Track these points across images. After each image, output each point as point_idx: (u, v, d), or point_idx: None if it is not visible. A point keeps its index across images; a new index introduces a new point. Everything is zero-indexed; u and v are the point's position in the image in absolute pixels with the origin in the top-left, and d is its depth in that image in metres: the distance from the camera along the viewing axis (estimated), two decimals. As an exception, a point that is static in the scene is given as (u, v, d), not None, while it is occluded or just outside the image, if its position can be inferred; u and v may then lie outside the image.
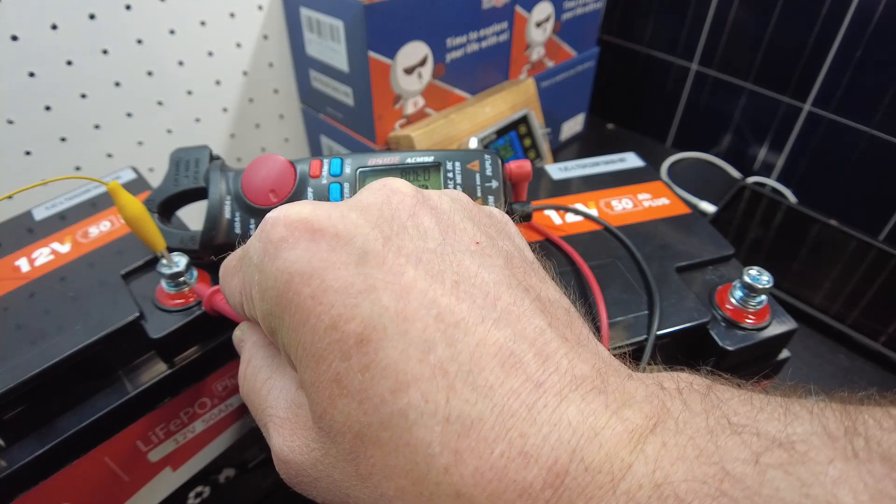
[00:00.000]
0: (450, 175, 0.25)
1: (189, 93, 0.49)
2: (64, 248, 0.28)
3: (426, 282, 0.14)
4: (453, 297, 0.14)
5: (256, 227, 0.25)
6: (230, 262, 0.19)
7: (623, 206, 0.33)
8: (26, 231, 0.30)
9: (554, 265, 0.20)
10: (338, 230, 0.15)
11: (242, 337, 0.20)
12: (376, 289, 0.14)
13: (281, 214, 0.16)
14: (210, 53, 0.49)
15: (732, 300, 0.27)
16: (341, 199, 0.25)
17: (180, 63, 0.47)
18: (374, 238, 0.15)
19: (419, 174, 0.25)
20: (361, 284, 0.14)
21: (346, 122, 0.52)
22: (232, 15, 0.48)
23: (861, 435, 0.11)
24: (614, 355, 0.16)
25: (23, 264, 0.27)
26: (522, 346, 0.14)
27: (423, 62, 0.48)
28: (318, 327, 0.14)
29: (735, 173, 0.66)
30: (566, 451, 0.12)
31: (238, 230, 0.25)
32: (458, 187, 0.24)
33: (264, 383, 0.18)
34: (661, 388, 0.14)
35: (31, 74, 0.40)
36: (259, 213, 0.25)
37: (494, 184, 0.24)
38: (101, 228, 0.30)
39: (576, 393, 0.13)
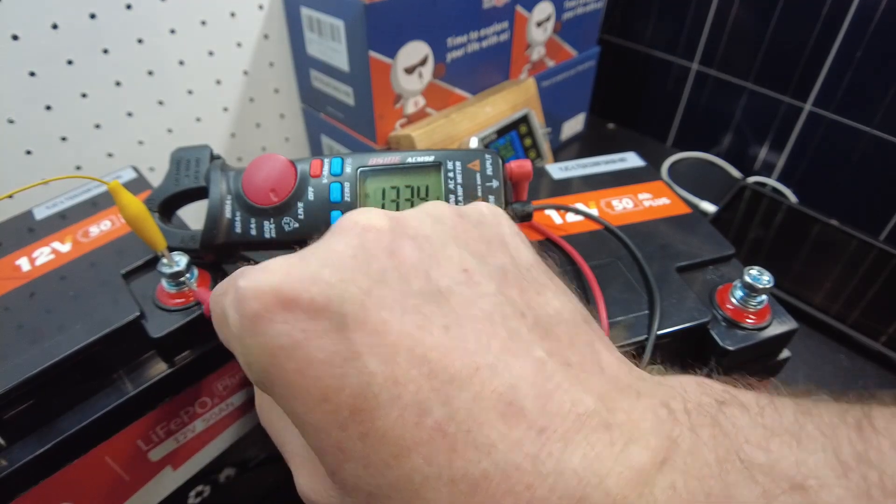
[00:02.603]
0: (450, 174, 0.25)
1: (189, 92, 0.49)
2: (64, 248, 0.28)
3: (413, 336, 0.14)
4: (444, 348, 0.13)
5: (256, 227, 0.25)
6: (217, 298, 0.18)
7: (623, 205, 0.33)
8: (27, 230, 0.30)
9: (556, 259, 0.19)
10: (312, 296, 0.14)
11: None
12: (361, 355, 0.13)
13: (251, 285, 0.15)
14: (211, 53, 0.49)
15: (733, 300, 0.27)
16: (341, 200, 0.25)
17: (181, 62, 0.47)
18: (351, 296, 0.14)
19: (420, 174, 0.25)
20: (346, 352, 0.14)
21: (346, 122, 0.52)
22: (232, 14, 0.48)
23: (875, 466, 0.11)
24: (622, 353, 0.16)
25: (23, 264, 0.27)
26: (522, 389, 0.13)
27: (423, 62, 0.48)
28: (309, 400, 0.14)
29: (735, 173, 0.66)
30: (572, 500, 0.12)
31: (238, 229, 0.25)
32: (459, 187, 0.24)
33: (279, 419, 0.18)
34: (669, 411, 0.13)
35: (32, 74, 0.40)
36: (260, 213, 0.25)
37: (495, 183, 0.24)
38: (101, 228, 0.30)
39: (580, 434, 0.13)
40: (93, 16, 0.41)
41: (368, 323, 0.14)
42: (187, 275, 0.25)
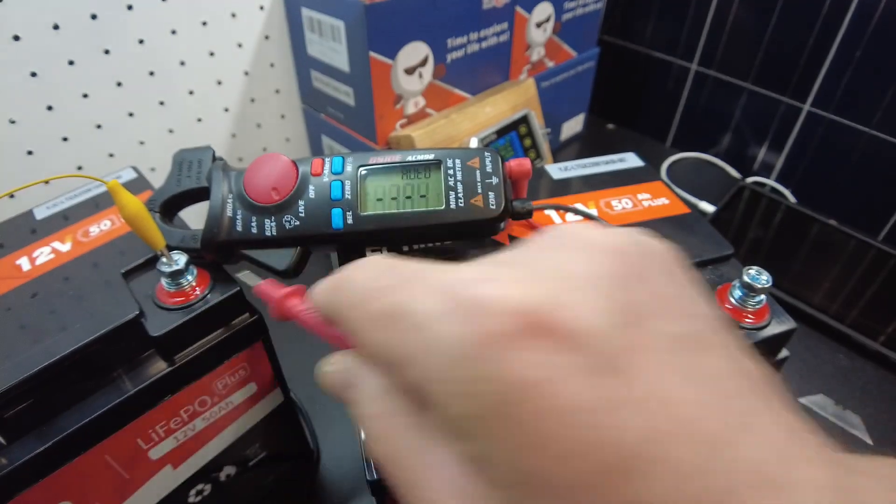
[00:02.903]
0: (450, 172, 0.25)
1: (190, 93, 0.49)
2: (65, 247, 0.28)
3: (670, 388, 0.12)
4: (699, 405, 0.12)
5: (258, 225, 0.25)
6: (383, 290, 0.15)
7: (623, 205, 0.33)
8: (27, 230, 0.30)
9: None
10: (569, 326, 0.12)
11: (353, 379, 0.15)
12: (622, 405, 0.12)
13: (496, 296, 0.12)
14: (211, 53, 0.49)
15: (732, 300, 0.27)
16: (342, 197, 0.25)
17: (182, 63, 0.48)
18: (608, 333, 0.12)
19: (420, 172, 0.25)
20: (604, 399, 0.12)
21: (347, 122, 0.52)
22: (233, 15, 0.49)
23: None
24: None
25: (24, 263, 0.27)
26: (767, 456, 0.12)
27: (423, 62, 0.48)
28: (554, 453, 0.11)
29: (735, 173, 0.66)
30: None
31: (239, 227, 0.25)
32: (459, 184, 0.24)
33: (413, 453, 0.14)
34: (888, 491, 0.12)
35: (33, 74, 0.40)
36: (261, 211, 0.25)
37: (495, 180, 0.25)
38: (101, 227, 0.30)
39: None
40: (94, 16, 0.41)
41: (627, 368, 0.12)
42: (186, 273, 0.25)
